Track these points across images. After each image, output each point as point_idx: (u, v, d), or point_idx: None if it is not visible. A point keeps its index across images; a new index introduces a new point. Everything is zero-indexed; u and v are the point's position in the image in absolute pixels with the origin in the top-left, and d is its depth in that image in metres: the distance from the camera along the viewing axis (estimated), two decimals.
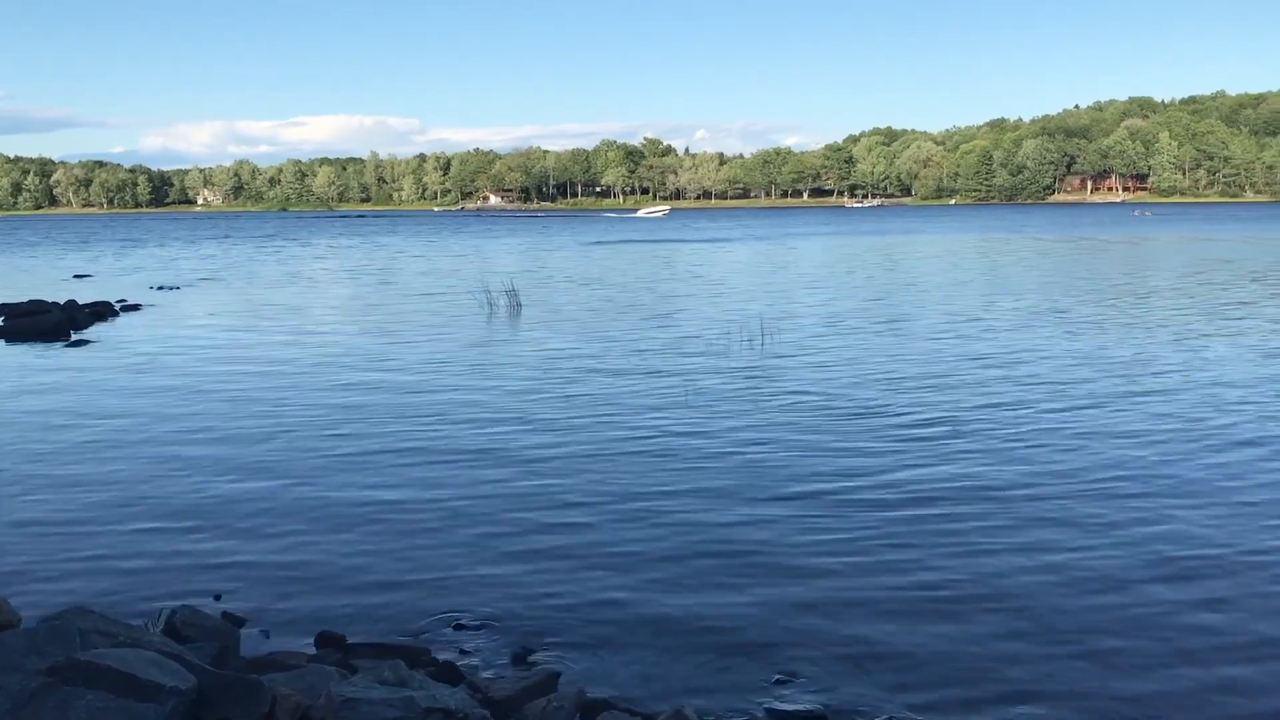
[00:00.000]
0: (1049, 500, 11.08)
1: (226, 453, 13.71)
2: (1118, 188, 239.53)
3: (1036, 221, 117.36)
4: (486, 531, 10.33)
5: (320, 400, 17.12)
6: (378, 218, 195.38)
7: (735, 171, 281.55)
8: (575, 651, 7.62)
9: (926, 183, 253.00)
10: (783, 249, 69.27)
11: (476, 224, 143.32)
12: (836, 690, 6.98)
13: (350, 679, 5.63)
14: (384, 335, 25.71)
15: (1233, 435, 13.85)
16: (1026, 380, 17.96)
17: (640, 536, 10.09)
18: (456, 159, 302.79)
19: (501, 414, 15.78)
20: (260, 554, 9.83)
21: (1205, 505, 10.86)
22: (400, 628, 8.10)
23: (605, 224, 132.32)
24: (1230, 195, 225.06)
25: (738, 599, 8.53)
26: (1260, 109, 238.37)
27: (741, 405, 16.12)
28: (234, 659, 6.81)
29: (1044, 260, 53.29)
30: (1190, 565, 9.17)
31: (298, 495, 11.70)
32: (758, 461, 12.79)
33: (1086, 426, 14.42)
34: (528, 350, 22.61)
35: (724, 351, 21.66)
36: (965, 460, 12.71)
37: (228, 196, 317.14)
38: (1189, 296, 32.57)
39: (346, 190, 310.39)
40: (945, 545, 9.70)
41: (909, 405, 15.98)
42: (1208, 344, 22.04)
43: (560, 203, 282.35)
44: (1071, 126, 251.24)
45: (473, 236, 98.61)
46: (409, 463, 13.01)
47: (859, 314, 28.85)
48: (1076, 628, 7.83)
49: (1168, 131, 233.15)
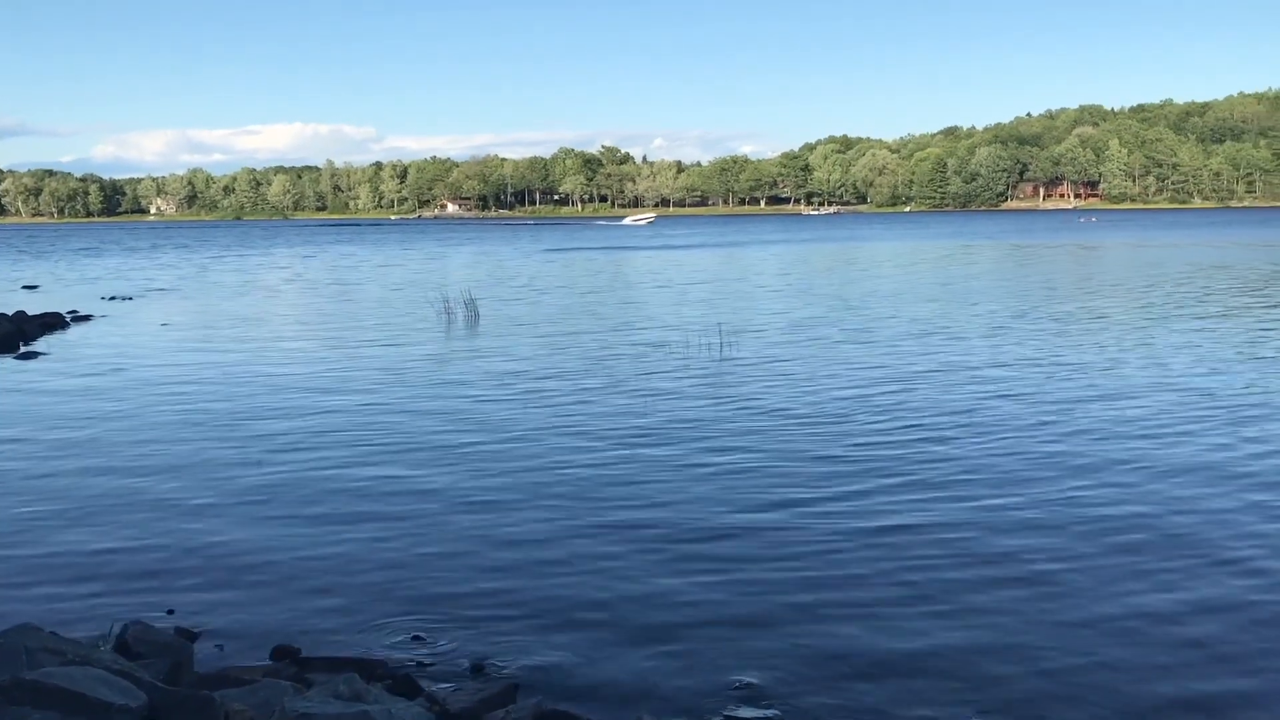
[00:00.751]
0: (1014, 508, 11.18)
1: (179, 465, 13.53)
2: (1069, 194, 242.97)
3: (987, 228, 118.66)
4: (444, 543, 10.26)
5: (274, 412, 16.95)
6: (334, 226, 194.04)
7: (693, 179, 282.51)
8: (535, 662, 7.59)
9: (882, 190, 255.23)
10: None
11: (441, 231, 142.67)
12: (795, 698, 6.99)
13: (305, 693, 5.57)
14: (339, 346, 25.51)
15: (1191, 437, 14.06)
16: (981, 384, 18.12)
17: (600, 547, 10.06)
18: (413, 167, 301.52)
19: (458, 425, 15.69)
20: (215, 567, 9.71)
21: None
22: (357, 640, 8.02)
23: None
24: (1179, 201, 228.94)
25: (696, 608, 8.53)
26: (1206, 117, 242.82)
27: (700, 413, 16.14)
28: (187, 675, 6.71)
29: (996, 267, 53.85)
30: (1170, 574, 9.28)
31: (252, 508, 11.57)
32: (716, 469, 12.80)
33: (1053, 430, 14.58)
34: (484, 360, 22.52)
35: (683, 359, 21.69)
36: (926, 467, 12.80)
37: (181, 206, 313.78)
38: (1128, 300, 33.07)
39: (302, 199, 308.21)
40: (906, 552, 9.75)
41: (869, 411, 16.07)
42: (1149, 347, 22.37)
43: (518, 210, 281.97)
44: (1024, 134, 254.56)
45: (436, 244, 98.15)
46: (365, 475, 12.90)
47: (819, 321, 28.99)
48: (1045, 640, 7.87)
49: (1118, 139, 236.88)
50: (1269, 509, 10.91)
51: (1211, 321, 27.28)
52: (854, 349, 23.07)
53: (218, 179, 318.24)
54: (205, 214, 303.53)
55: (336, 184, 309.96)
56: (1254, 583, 8.85)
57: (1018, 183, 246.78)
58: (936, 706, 6.85)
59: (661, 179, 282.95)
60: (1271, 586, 8.76)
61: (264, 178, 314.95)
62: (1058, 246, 75.68)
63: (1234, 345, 22.70)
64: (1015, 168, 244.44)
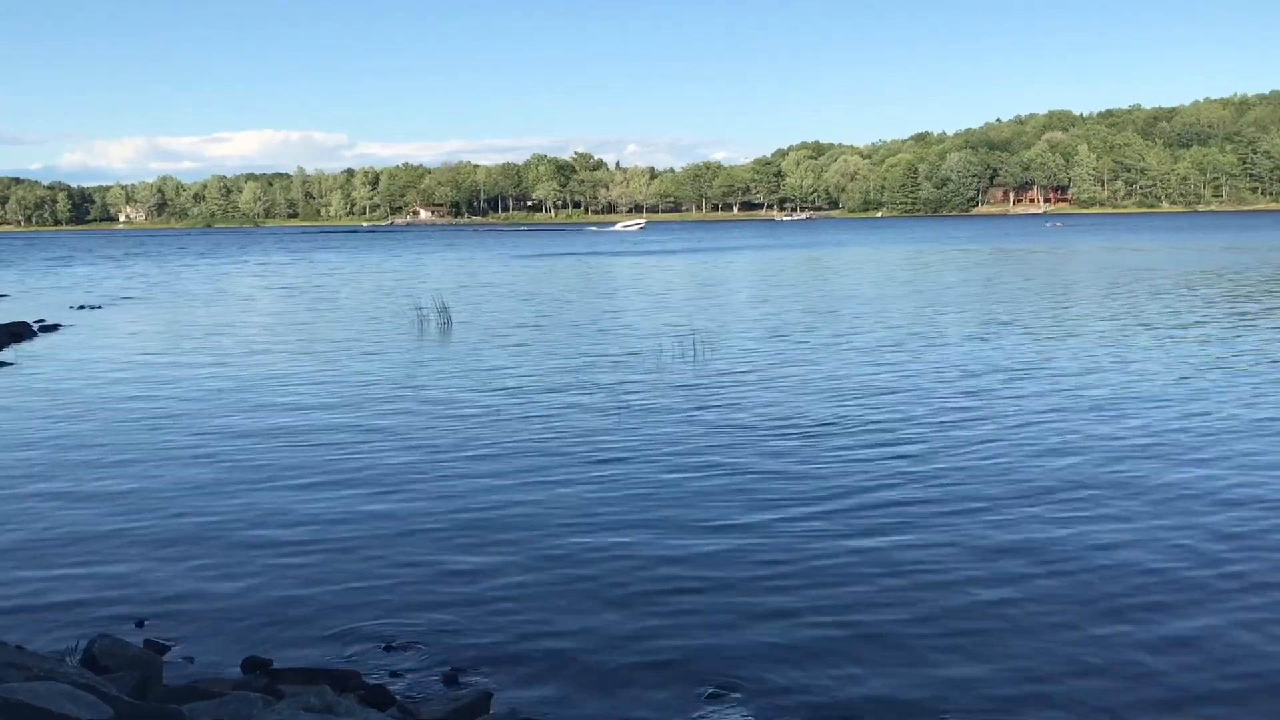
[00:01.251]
0: (985, 513, 11.23)
1: (148, 476, 13.40)
2: (1039, 199, 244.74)
3: (956, 234, 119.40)
4: (416, 552, 10.20)
5: (244, 421, 16.82)
6: (306, 234, 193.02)
7: (666, 185, 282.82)
8: (508, 671, 7.55)
9: (854, 196, 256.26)
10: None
11: (416, 238, 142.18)
12: (768, 705, 6.99)
13: (275, 706, 5.51)
14: (311, 354, 25.36)
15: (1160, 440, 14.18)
16: (951, 393, 18.22)
17: (570, 555, 10.04)
18: (385, 174, 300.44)
19: (430, 433, 15.62)
20: (185, 579, 9.61)
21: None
22: (329, 651, 7.96)
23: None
24: (1147, 206, 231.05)
25: (669, 616, 8.52)
26: (1174, 122, 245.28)
27: (673, 422, 16.14)
28: (156, 688, 6.64)
29: (965, 272, 54.17)
30: (1142, 597, 9.34)
31: (223, 519, 11.47)
32: (687, 478, 12.80)
33: (1026, 436, 14.67)
34: (457, 368, 22.44)
35: (656, 366, 21.69)
36: (898, 478, 12.84)
37: (151, 213, 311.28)
38: (1091, 301, 33.37)
39: (273, 206, 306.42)
40: (877, 562, 9.77)
41: (842, 419, 16.12)
42: (1118, 347, 22.56)
43: (491, 217, 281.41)
44: (994, 139, 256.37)
45: (412, 251, 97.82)
46: (337, 484, 12.82)
47: (795, 327, 29.06)
48: (1015, 644, 7.91)
49: (1086, 144, 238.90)
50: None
51: (1189, 329, 27.54)
52: (830, 357, 23.14)
53: (188, 187, 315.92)
54: (175, 222, 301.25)
55: (308, 191, 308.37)
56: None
57: (988, 188, 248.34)
58: (908, 707, 6.86)
59: (635, 185, 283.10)
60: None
61: (235, 185, 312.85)
62: (1028, 251, 76.21)
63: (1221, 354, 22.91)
64: (986, 173, 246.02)
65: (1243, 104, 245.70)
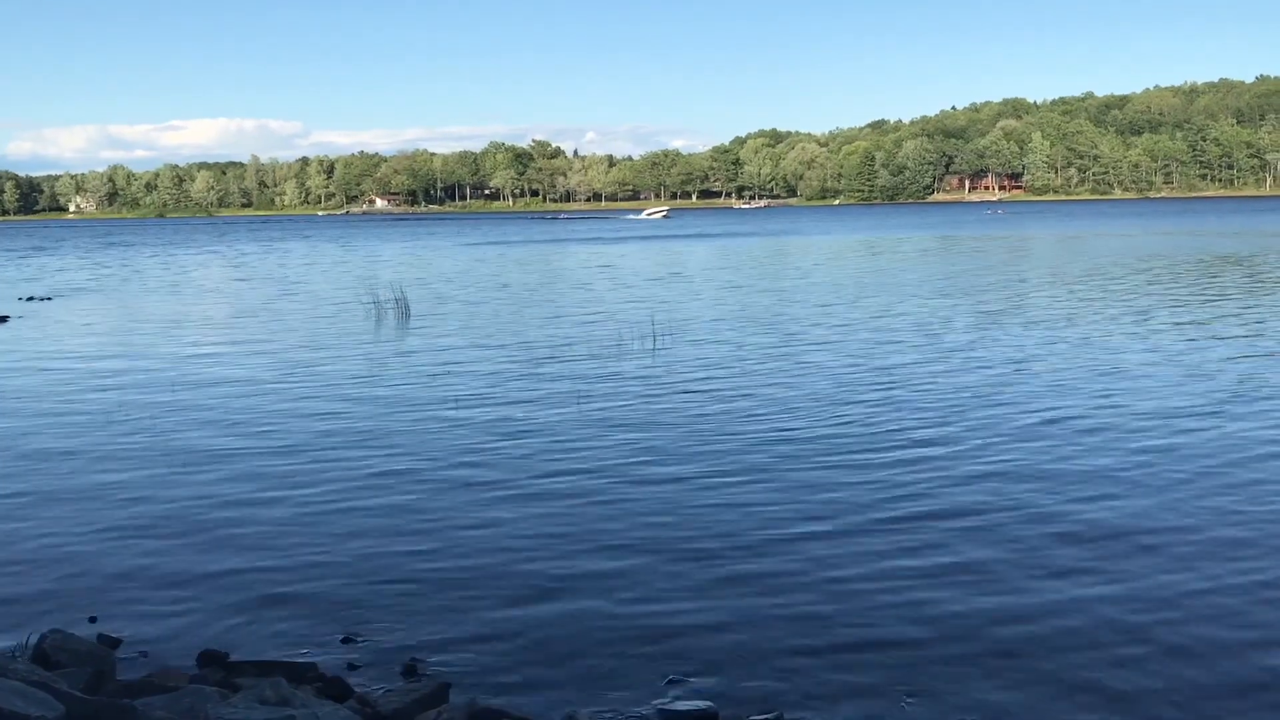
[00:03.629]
0: (935, 497, 11.34)
1: (99, 469, 13.23)
2: (994, 187, 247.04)
3: (894, 222, 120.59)
4: (374, 544, 10.14)
5: (195, 415, 16.59)
6: (260, 223, 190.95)
7: (625, 174, 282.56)
8: (467, 661, 7.53)
9: (811, 183, 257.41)
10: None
11: (390, 227, 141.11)
12: (728, 690, 7.02)
13: (230, 699, 5.47)
14: (265, 345, 25.10)
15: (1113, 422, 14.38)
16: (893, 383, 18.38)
17: (527, 544, 10.02)
18: (340, 162, 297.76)
19: (384, 425, 15.49)
20: (140, 573, 9.50)
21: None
22: (288, 644, 7.90)
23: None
24: (1100, 193, 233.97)
25: (628, 603, 8.53)
26: (1126, 109, 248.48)
27: (633, 411, 16.16)
28: (109, 684, 6.56)
29: (890, 264, 54.62)
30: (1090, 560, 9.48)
31: (178, 511, 11.34)
32: (646, 467, 12.80)
33: (978, 426, 14.83)
34: (413, 360, 22.33)
35: (617, 355, 21.69)
36: (852, 466, 12.94)
37: (102, 203, 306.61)
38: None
39: (227, 195, 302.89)
40: (834, 548, 9.83)
41: (800, 408, 16.21)
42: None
43: (448, 206, 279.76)
44: (949, 127, 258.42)
45: (380, 240, 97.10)
46: (292, 476, 12.71)
47: (753, 316, 29.17)
48: (968, 630, 7.98)
49: (1040, 132, 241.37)
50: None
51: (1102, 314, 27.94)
52: (787, 346, 23.26)
53: (139, 176, 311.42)
54: (127, 212, 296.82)
55: (262, 180, 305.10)
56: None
57: (944, 175, 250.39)
58: (868, 692, 6.93)
59: (593, 173, 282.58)
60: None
61: (187, 174, 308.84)
62: (957, 239, 76.98)
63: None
64: (941, 160, 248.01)
65: (1192, 92, 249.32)
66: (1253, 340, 22.07)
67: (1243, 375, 17.76)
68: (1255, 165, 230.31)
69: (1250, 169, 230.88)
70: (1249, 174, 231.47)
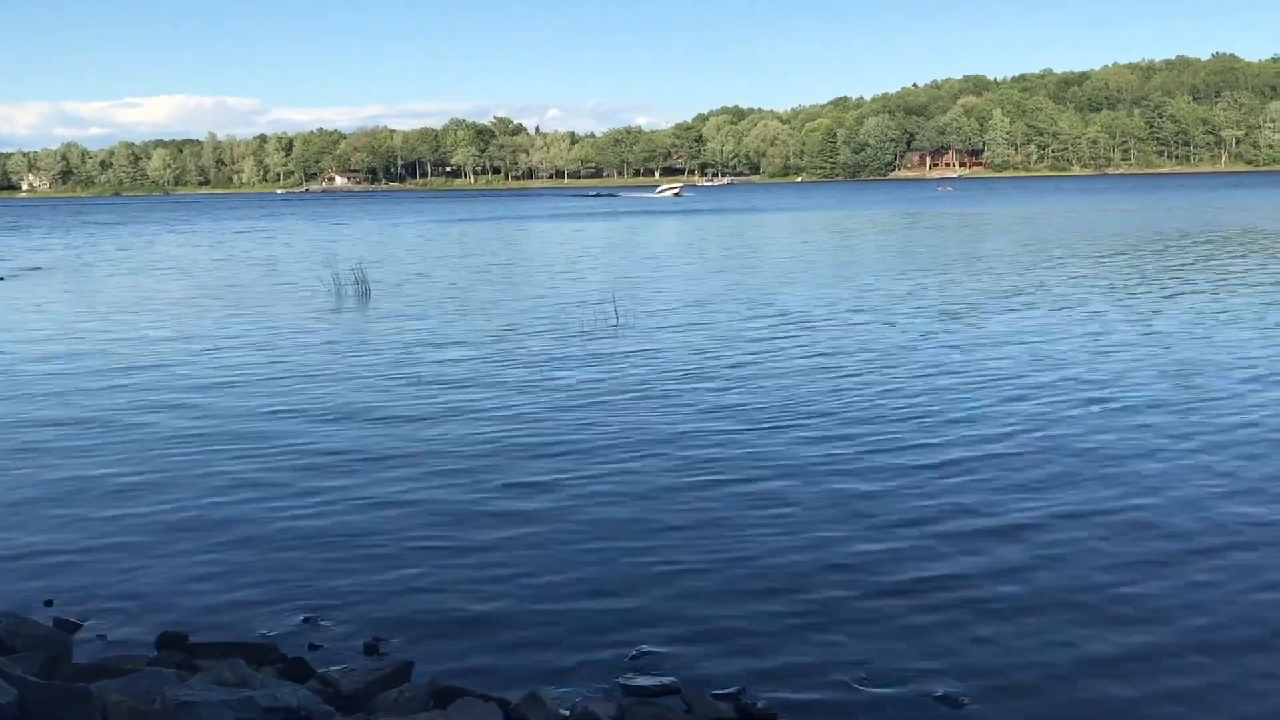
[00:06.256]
0: (892, 478, 11.43)
1: (54, 449, 13.05)
2: (955, 163, 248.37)
3: (849, 200, 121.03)
4: (334, 523, 10.08)
5: (151, 396, 16.37)
6: (218, 201, 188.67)
7: (587, 151, 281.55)
8: (429, 640, 7.51)
9: (774, 161, 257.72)
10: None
11: (365, 203, 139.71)
12: (691, 665, 7.05)
13: (188, 681, 5.41)
14: (222, 326, 24.83)
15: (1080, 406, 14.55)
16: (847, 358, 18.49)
17: (489, 523, 9.99)
18: (299, 139, 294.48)
19: (343, 406, 15.33)
20: (97, 555, 9.38)
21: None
22: (249, 625, 7.84)
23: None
24: (1059, 169, 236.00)
25: (591, 581, 8.53)
26: (1084, 86, 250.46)
27: (595, 389, 16.14)
28: (65, 667, 6.48)
29: (849, 239, 54.90)
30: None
31: (136, 492, 11.21)
32: (607, 445, 12.78)
33: (939, 407, 14.95)
34: (374, 339, 22.18)
35: (579, 334, 21.65)
36: (806, 443, 13.00)
37: (55, 181, 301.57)
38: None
39: (184, 173, 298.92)
40: (786, 526, 9.85)
41: (765, 387, 16.27)
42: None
43: (409, 183, 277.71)
44: (911, 104, 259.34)
45: (374, 218, 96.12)
46: (250, 457, 12.57)
47: (720, 295, 29.21)
48: (928, 605, 8.06)
49: (1000, 109, 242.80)
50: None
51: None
52: (751, 324, 23.32)
53: (94, 153, 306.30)
54: (81, 190, 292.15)
55: (219, 158, 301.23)
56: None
57: (905, 152, 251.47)
58: (829, 667, 6.98)
59: (555, 150, 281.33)
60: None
61: (143, 152, 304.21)
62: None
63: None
64: (903, 137, 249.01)
65: (1149, 69, 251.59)
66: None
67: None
68: (1211, 142, 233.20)
69: (1206, 145, 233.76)
70: (1204, 150, 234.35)
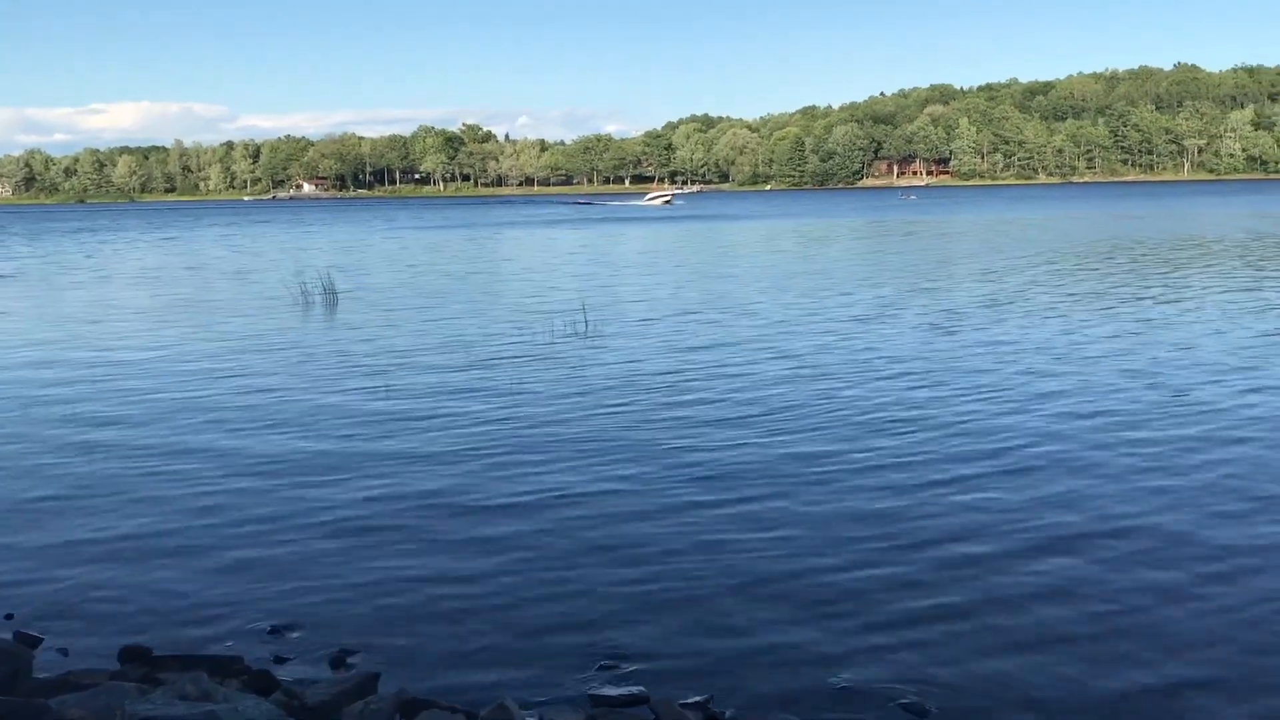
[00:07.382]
0: (872, 490, 11.48)
1: (14, 459, 12.88)
2: (922, 171, 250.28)
3: (814, 208, 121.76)
4: (299, 535, 9.98)
5: (113, 407, 16.13)
6: (184, 208, 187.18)
7: (557, 158, 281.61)
8: (396, 651, 7.46)
9: (743, 169, 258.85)
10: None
11: (333, 210, 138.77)
12: (659, 674, 7.03)
13: (149, 695, 5.35)
14: (186, 334, 24.60)
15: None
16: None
17: (457, 533, 9.94)
18: (267, 146, 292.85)
19: (306, 417, 15.20)
20: (59, 568, 9.25)
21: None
22: (213, 637, 7.76)
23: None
24: (1025, 178, 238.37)
25: (559, 590, 8.50)
26: (1050, 95, 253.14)
27: (564, 395, 16.12)
28: (26, 682, 6.39)
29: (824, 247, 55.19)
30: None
31: (98, 503, 11.07)
32: (576, 450, 12.76)
33: (902, 404, 15.03)
34: (341, 346, 22.05)
35: (549, 341, 21.61)
36: (782, 452, 13.03)
37: (18, 189, 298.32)
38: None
39: (149, 180, 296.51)
40: (755, 535, 9.86)
41: (733, 390, 16.30)
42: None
43: (378, 190, 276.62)
44: (878, 113, 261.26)
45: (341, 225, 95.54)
46: (216, 467, 12.44)
47: (688, 303, 29.26)
48: (880, 620, 8.10)
49: (966, 118, 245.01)
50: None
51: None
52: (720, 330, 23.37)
53: (58, 160, 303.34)
54: (45, 197, 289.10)
55: (186, 165, 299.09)
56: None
57: (873, 161, 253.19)
58: (798, 674, 7.00)
59: (525, 158, 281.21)
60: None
61: (109, 159, 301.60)
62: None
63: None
64: (870, 146, 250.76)
65: (1113, 79, 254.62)
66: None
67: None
68: (1174, 151, 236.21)
69: (1169, 154, 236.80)
70: (1168, 159, 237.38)
